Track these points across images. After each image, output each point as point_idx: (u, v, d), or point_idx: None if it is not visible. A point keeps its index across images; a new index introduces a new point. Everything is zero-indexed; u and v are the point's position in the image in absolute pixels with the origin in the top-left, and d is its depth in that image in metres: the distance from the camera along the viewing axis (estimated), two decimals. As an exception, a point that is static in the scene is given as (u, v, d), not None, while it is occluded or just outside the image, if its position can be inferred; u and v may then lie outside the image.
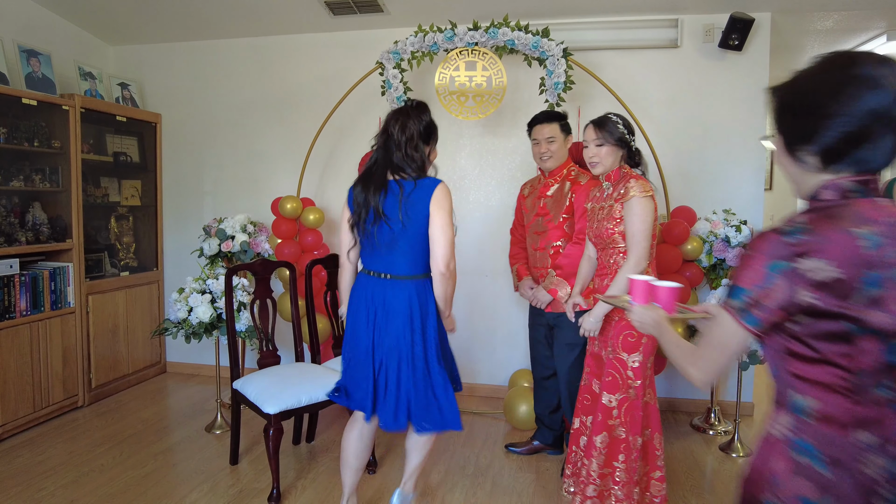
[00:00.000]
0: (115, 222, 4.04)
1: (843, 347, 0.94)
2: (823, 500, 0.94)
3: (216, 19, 3.90)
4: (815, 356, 0.96)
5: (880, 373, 0.95)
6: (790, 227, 0.95)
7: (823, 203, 0.99)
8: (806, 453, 0.97)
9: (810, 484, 0.95)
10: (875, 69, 0.93)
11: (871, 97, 0.92)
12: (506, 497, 2.62)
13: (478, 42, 3.20)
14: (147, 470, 2.82)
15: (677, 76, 3.57)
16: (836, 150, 0.97)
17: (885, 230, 0.92)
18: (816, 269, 0.91)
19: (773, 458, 1.01)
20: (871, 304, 0.91)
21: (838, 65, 0.97)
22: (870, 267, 0.91)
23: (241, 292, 3.10)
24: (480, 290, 3.87)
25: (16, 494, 2.56)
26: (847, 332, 0.93)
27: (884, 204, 0.96)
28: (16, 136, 3.26)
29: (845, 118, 0.94)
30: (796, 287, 0.92)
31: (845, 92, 0.94)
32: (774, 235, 0.95)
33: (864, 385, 0.94)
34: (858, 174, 0.97)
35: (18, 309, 3.20)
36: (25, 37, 3.56)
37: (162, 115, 4.27)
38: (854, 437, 0.95)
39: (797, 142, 1.01)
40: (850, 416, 0.95)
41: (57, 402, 3.44)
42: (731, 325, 0.99)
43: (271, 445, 2.50)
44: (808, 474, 0.96)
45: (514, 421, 3.37)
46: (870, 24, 3.62)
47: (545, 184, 2.84)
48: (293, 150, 4.04)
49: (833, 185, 0.98)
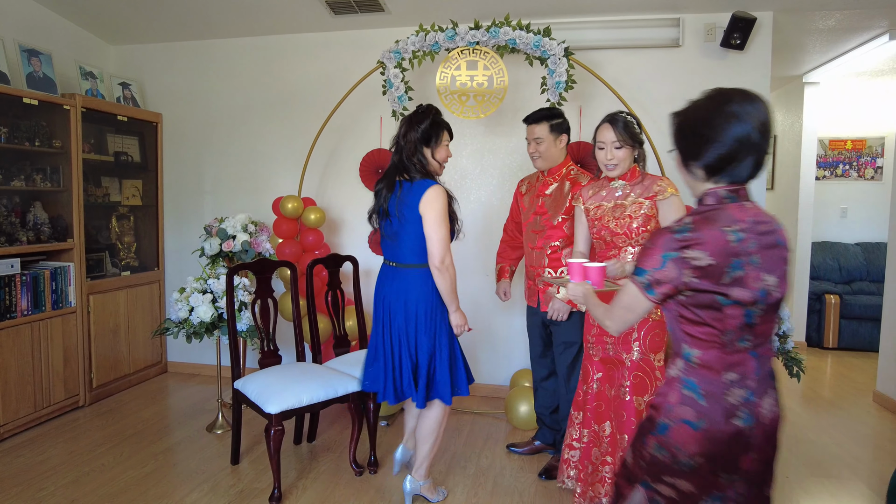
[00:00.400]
0: (116, 222, 4.04)
1: (715, 314, 1.28)
2: (700, 421, 1.29)
3: (217, 19, 3.90)
4: (697, 319, 1.30)
5: (741, 330, 1.29)
6: (679, 227, 1.27)
7: (705, 207, 1.31)
8: (690, 389, 1.32)
9: (691, 410, 1.30)
10: (741, 106, 1.24)
11: (737, 128, 1.24)
12: (507, 497, 2.62)
13: (479, 41, 3.19)
14: (148, 470, 2.82)
15: (679, 75, 3.56)
16: (715, 167, 1.29)
17: (746, 227, 1.26)
18: (697, 258, 1.24)
19: (669, 391, 1.35)
20: (734, 283, 1.25)
21: (716, 101, 1.28)
22: (735, 255, 1.24)
23: (242, 292, 3.10)
24: (482, 290, 3.87)
25: (16, 494, 2.56)
26: (718, 303, 1.26)
27: (749, 207, 1.30)
28: (17, 136, 3.26)
29: (719, 143, 1.26)
30: (683, 270, 1.25)
31: (719, 124, 1.25)
32: (668, 233, 1.27)
33: (731, 340, 1.29)
34: (731, 184, 1.30)
35: (19, 309, 3.20)
36: (27, 36, 3.56)
37: (163, 114, 4.27)
38: (724, 377, 1.30)
39: (688, 158, 1.34)
40: (722, 362, 1.30)
41: (58, 401, 3.44)
42: (637, 295, 1.34)
43: (272, 445, 2.49)
44: (691, 404, 1.31)
45: (516, 421, 3.36)
46: (871, 23, 3.62)
47: (544, 182, 2.81)
48: (294, 149, 4.04)
49: (712, 193, 1.31)
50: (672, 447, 1.31)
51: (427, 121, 2.30)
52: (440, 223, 2.21)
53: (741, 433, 1.29)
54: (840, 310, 5.22)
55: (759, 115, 1.25)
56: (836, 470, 2.91)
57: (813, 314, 5.33)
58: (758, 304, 1.27)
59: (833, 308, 5.22)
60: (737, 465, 1.31)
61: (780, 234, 1.31)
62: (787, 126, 5.51)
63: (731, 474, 1.31)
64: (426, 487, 2.52)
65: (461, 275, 3.86)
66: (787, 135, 5.51)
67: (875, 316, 5.04)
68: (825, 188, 5.91)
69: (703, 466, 1.29)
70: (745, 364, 1.30)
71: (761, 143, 1.26)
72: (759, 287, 1.26)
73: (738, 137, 1.24)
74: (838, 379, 4.47)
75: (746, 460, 1.31)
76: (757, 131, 1.24)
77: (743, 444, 1.30)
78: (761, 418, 1.31)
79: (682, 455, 1.30)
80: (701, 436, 1.29)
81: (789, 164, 5.44)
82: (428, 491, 2.52)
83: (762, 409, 1.31)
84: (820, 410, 3.76)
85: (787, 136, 5.51)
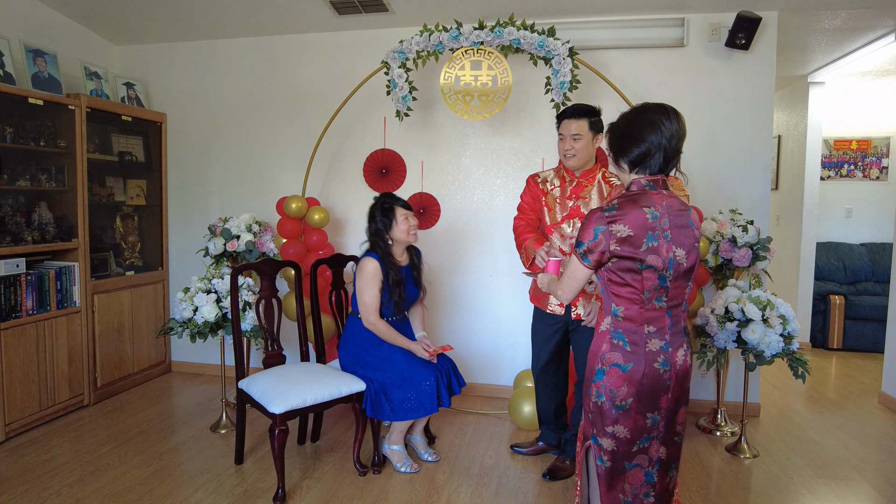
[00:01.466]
0: (120, 222, 4.05)
1: (635, 276, 1.61)
2: (627, 364, 1.63)
3: (221, 19, 3.90)
4: (622, 282, 1.63)
5: (657, 291, 1.62)
6: (608, 206, 1.62)
7: (630, 193, 1.66)
8: (618, 338, 1.65)
9: (620, 355, 1.64)
10: (656, 115, 1.63)
11: (652, 133, 1.62)
12: (511, 497, 2.61)
13: (483, 41, 3.19)
14: (152, 469, 2.82)
15: (683, 75, 3.55)
16: (636, 161, 1.67)
17: (661, 210, 1.61)
18: (620, 231, 1.58)
19: (602, 342, 1.68)
20: (649, 251, 1.58)
21: (637, 111, 1.68)
22: (651, 230, 1.59)
23: (246, 292, 3.10)
24: (484, 290, 3.87)
25: (22, 493, 2.57)
26: (637, 267, 1.60)
27: (665, 194, 1.65)
28: (22, 136, 3.27)
29: (640, 144, 1.64)
30: (609, 241, 1.59)
31: (640, 129, 1.64)
32: (599, 211, 1.62)
33: (648, 298, 1.62)
34: (650, 175, 1.66)
35: (25, 308, 3.21)
36: (32, 37, 3.57)
37: (167, 114, 4.28)
38: (645, 329, 1.63)
39: (618, 155, 1.70)
40: (642, 317, 1.63)
41: (62, 400, 3.45)
42: (577, 264, 1.68)
43: (277, 445, 2.50)
44: (619, 350, 1.65)
45: (519, 421, 3.36)
46: (877, 22, 3.60)
47: (577, 184, 2.70)
48: (298, 149, 4.04)
49: (636, 182, 1.67)
50: (608, 390, 1.64)
51: (378, 212, 2.81)
52: (360, 290, 2.76)
53: (659, 376, 1.63)
54: (845, 310, 5.20)
55: (670, 125, 1.62)
56: (843, 472, 2.90)
57: (817, 315, 5.31)
58: (668, 269, 1.60)
59: (838, 309, 5.21)
60: (657, 403, 1.64)
61: (691, 217, 1.67)
62: (792, 126, 5.49)
63: (653, 412, 1.64)
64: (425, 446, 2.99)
65: (465, 275, 3.87)
66: (792, 135, 5.49)
67: (880, 317, 5.02)
68: (830, 188, 5.89)
69: (633, 406, 1.63)
70: (662, 320, 1.64)
71: (669, 144, 1.63)
72: (669, 256, 1.60)
73: (653, 140, 1.62)
74: (843, 380, 4.46)
75: (664, 399, 1.64)
76: (665, 136, 1.62)
77: (662, 386, 1.63)
78: (675, 366, 1.65)
79: (617, 398, 1.63)
80: (628, 376, 1.62)
81: (794, 165, 5.42)
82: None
83: (676, 359, 1.66)
84: (825, 412, 3.75)
85: (792, 136, 5.49)
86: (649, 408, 1.63)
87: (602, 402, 1.65)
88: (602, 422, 1.65)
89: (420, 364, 2.76)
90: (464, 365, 3.88)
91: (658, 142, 1.62)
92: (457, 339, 3.92)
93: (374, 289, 2.74)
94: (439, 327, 3.95)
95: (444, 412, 3.60)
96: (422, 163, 3.86)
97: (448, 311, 3.93)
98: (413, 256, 2.96)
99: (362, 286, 2.75)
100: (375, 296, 2.75)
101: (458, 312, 3.92)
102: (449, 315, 3.94)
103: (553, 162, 3.66)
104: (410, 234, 2.81)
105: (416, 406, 2.69)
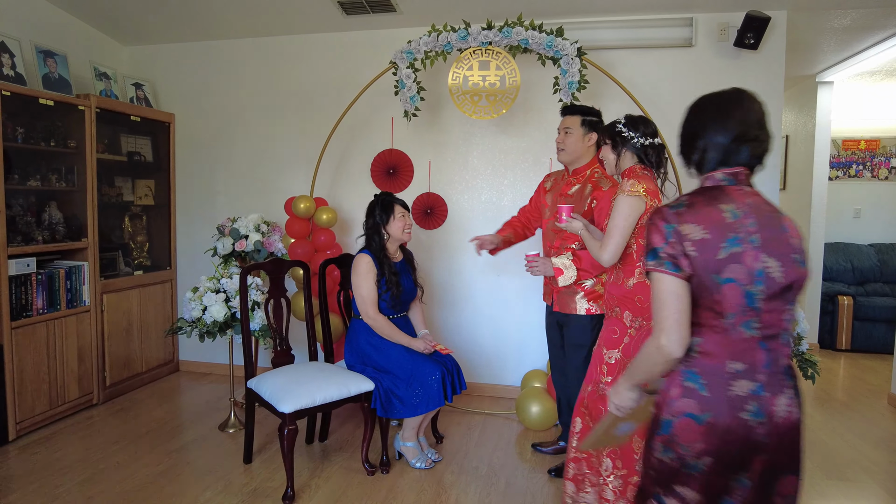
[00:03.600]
0: (129, 221, 4.07)
1: (713, 294, 1.23)
2: (704, 414, 1.23)
3: (230, 19, 3.91)
4: (695, 302, 1.26)
5: (744, 313, 1.23)
6: (675, 203, 1.30)
7: (702, 188, 1.34)
8: (691, 380, 1.26)
9: (694, 402, 1.24)
10: (715, 106, 1.34)
11: (714, 127, 1.32)
12: (520, 497, 2.62)
13: (491, 41, 3.19)
14: (162, 468, 2.83)
15: (692, 75, 3.54)
16: (702, 162, 1.35)
17: (744, 207, 1.27)
18: (691, 232, 1.24)
19: (670, 386, 1.29)
20: (730, 259, 1.22)
21: (692, 109, 1.39)
22: (731, 231, 1.24)
23: (254, 291, 3.11)
24: (492, 291, 3.87)
25: (34, 491, 2.59)
26: (714, 282, 1.23)
27: (748, 191, 1.31)
28: (32, 136, 3.29)
29: (698, 140, 1.34)
30: (683, 245, 1.24)
31: (698, 125, 1.36)
32: (664, 208, 1.30)
33: (733, 324, 1.23)
34: (728, 169, 1.32)
35: (35, 307, 3.23)
36: (42, 38, 3.59)
37: (175, 114, 4.30)
38: (728, 366, 1.23)
39: (686, 161, 1.40)
40: (725, 349, 1.24)
41: (72, 399, 3.47)
42: (661, 278, 1.26)
43: (286, 444, 2.50)
44: (693, 396, 1.25)
45: (527, 421, 3.36)
46: (887, 21, 3.58)
47: (567, 181, 2.78)
48: (306, 149, 4.05)
49: (710, 177, 1.34)
50: (677, 446, 1.24)
51: (378, 207, 2.88)
52: (358, 285, 2.80)
53: (750, 428, 1.21)
54: (853, 311, 5.18)
55: (738, 110, 1.31)
56: (852, 473, 2.88)
57: (826, 316, 5.29)
58: (756, 284, 1.22)
59: (846, 310, 5.18)
60: (746, 464, 1.22)
61: (785, 222, 1.29)
62: (800, 126, 5.47)
63: (739, 475, 1.23)
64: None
65: (472, 275, 3.87)
66: (800, 135, 5.47)
67: (889, 318, 4.99)
68: (838, 188, 5.86)
69: (711, 467, 1.22)
70: (753, 354, 1.23)
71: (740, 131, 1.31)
72: (758, 267, 1.22)
73: (714, 135, 1.33)
74: (852, 381, 4.44)
75: (757, 461, 1.22)
76: (732, 124, 1.31)
77: (753, 444, 1.21)
78: (774, 417, 1.22)
79: (689, 455, 1.23)
80: (706, 430, 1.22)
81: (802, 165, 5.39)
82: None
83: (775, 408, 1.22)
84: (834, 413, 3.73)
85: (800, 135, 5.47)
86: (735, 470, 1.24)
87: (670, 459, 1.26)
88: (668, 481, 1.29)
89: (424, 360, 2.79)
90: (471, 365, 3.88)
91: (722, 134, 1.31)
92: (464, 338, 3.92)
93: (370, 282, 2.81)
94: (446, 327, 3.95)
95: (452, 412, 3.60)
96: (429, 163, 3.86)
97: (455, 310, 3.94)
98: (407, 254, 3.04)
99: (358, 281, 2.81)
100: (372, 289, 2.81)
101: (465, 312, 3.92)
102: (456, 315, 3.94)
103: (559, 163, 3.66)
104: (405, 231, 2.89)
105: (425, 401, 2.71)
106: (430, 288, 3.87)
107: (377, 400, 2.73)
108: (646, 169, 2.27)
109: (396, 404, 2.73)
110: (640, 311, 2.19)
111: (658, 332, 1.25)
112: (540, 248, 2.94)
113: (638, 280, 2.19)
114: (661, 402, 1.31)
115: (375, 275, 2.83)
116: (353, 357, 2.92)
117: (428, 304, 3.83)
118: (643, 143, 2.27)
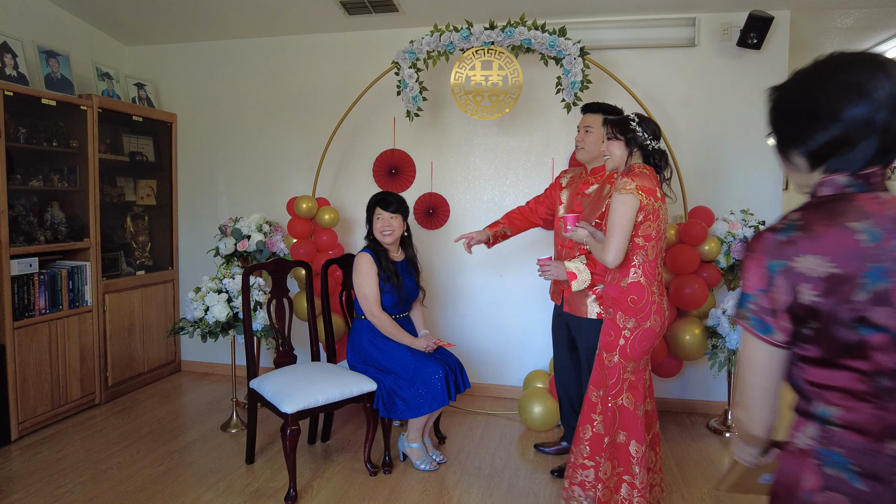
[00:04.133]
0: (131, 221, 4.07)
1: (853, 351, 0.88)
2: None
3: (231, 19, 3.91)
4: (831, 362, 0.90)
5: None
6: (783, 225, 0.94)
7: (821, 199, 0.96)
8: (837, 465, 0.89)
9: (845, 499, 0.87)
10: (857, 74, 0.91)
11: (851, 103, 0.90)
12: (523, 498, 2.61)
13: (494, 41, 3.18)
14: (164, 468, 2.83)
15: (694, 75, 3.53)
16: (820, 154, 0.95)
17: (885, 224, 0.88)
18: (813, 267, 0.88)
19: (801, 473, 0.92)
20: (876, 300, 0.86)
21: (820, 69, 0.95)
22: (872, 261, 0.87)
23: (257, 291, 3.11)
24: (495, 291, 3.86)
25: (36, 491, 2.59)
26: (856, 335, 0.88)
27: (886, 198, 0.92)
28: (35, 137, 3.29)
29: (829, 123, 0.92)
30: (798, 286, 0.89)
31: (827, 99, 0.92)
32: (768, 234, 0.94)
33: (889, 388, 0.87)
34: (853, 172, 0.94)
35: (37, 307, 3.23)
36: (45, 38, 3.59)
37: (177, 114, 4.30)
38: (888, 446, 0.87)
39: (787, 144, 1.00)
40: (880, 423, 0.88)
41: (74, 399, 3.47)
42: (750, 342, 0.94)
43: (288, 445, 2.50)
44: (842, 489, 0.88)
45: (529, 422, 3.35)
46: (891, 21, 3.57)
47: (585, 181, 2.74)
48: (308, 149, 4.04)
49: (830, 181, 0.96)
50: None
51: (367, 209, 2.94)
52: (360, 284, 2.82)
53: None
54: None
55: (886, 83, 0.89)
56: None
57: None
58: None
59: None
60: None
61: None
62: (803, 126, 5.45)
63: None
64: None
65: (474, 275, 3.86)
66: (803, 135, 5.46)
67: (892, 318, 4.97)
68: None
69: None
70: None
71: (884, 117, 0.89)
72: None
73: (856, 118, 0.90)
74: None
75: None
76: (877, 104, 0.89)
77: None
78: None
79: None
80: None
81: (804, 165, 5.38)
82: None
83: None
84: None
85: (803, 136, 5.46)
86: None
87: None
88: None
89: (427, 359, 2.78)
90: (473, 365, 3.87)
91: (864, 117, 0.90)
92: (465, 338, 3.92)
93: (372, 280, 2.82)
94: (448, 327, 3.94)
95: (454, 413, 3.60)
96: (431, 163, 3.86)
97: (457, 310, 3.93)
98: (409, 254, 3.02)
99: (360, 280, 2.82)
100: (374, 287, 2.82)
101: (467, 312, 3.92)
102: (458, 315, 3.93)
103: (562, 163, 3.66)
104: (383, 232, 2.86)
105: (428, 400, 2.70)
106: (432, 288, 3.86)
107: (379, 400, 2.73)
108: (645, 167, 2.26)
109: (400, 405, 2.72)
110: (632, 311, 2.17)
111: (738, 401, 1.00)
112: (540, 248, 2.93)
113: (633, 279, 2.18)
114: (786, 495, 0.94)
115: (377, 273, 2.83)
116: (356, 357, 2.91)
117: (430, 304, 3.82)
118: (654, 147, 2.28)
